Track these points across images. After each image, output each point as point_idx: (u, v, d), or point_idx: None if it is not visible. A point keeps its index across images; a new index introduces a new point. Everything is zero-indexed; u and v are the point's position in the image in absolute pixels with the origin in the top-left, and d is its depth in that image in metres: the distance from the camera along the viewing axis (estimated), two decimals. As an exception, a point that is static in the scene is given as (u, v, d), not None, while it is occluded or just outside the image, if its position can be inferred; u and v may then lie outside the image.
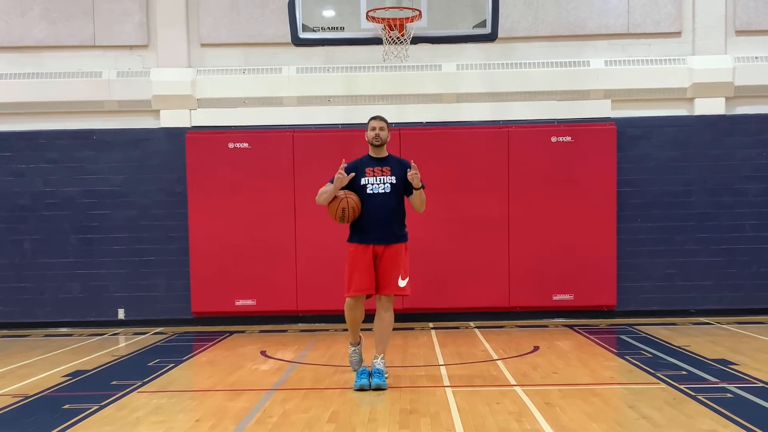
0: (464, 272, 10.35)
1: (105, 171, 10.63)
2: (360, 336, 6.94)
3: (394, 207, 6.69)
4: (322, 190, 6.68)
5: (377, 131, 6.70)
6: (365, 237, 6.64)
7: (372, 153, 6.77)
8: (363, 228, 6.64)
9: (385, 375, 6.68)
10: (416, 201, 6.70)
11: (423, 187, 6.63)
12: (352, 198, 6.59)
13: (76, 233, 10.63)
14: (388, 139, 6.77)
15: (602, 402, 5.87)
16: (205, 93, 10.64)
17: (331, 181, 6.71)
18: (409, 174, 6.55)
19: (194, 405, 6.16)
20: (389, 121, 10.37)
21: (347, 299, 6.71)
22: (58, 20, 10.63)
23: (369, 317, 6.98)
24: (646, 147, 10.53)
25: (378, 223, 6.62)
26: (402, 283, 6.65)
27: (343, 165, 6.63)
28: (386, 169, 6.71)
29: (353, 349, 6.94)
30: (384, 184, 6.66)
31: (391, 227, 6.66)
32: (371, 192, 6.65)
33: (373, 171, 6.70)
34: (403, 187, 6.73)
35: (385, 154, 6.79)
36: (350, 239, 6.74)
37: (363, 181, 6.67)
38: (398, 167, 6.74)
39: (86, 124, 10.66)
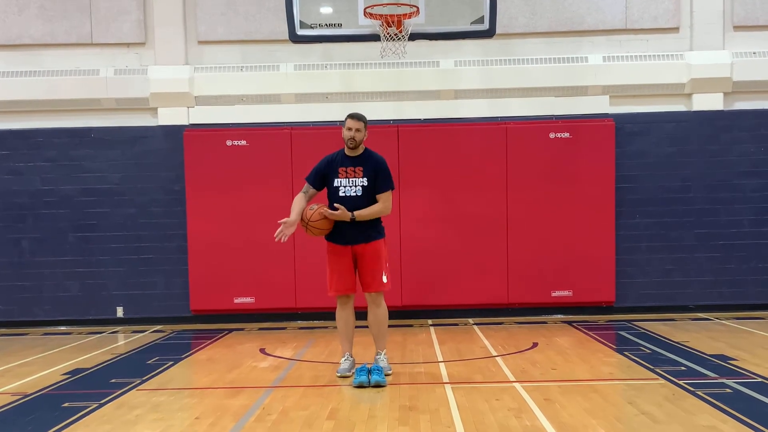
0: (463, 269, 10.34)
1: (103, 169, 10.62)
2: (350, 349, 6.95)
3: (368, 206, 6.64)
4: (293, 204, 6.75)
5: (353, 133, 6.62)
6: (342, 238, 6.66)
7: (347, 151, 6.74)
8: (338, 230, 6.65)
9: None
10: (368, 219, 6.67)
11: (353, 217, 6.54)
12: (312, 225, 6.60)
13: (74, 231, 10.62)
14: (364, 139, 6.71)
15: (601, 398, 5.88)
16: (203, 90, 10.63)
17: (306, 179, 6.80)
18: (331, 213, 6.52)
19: (193, 403, 6.16)
20: (387, 118, 10.49)
21: (337, 298, 6.81)
22: (55, 18, 10.61)
23: (363, 315, 7.00)
24: (644, 143, 10.53)
25: (351, 224, 6.62)
26: (384, 279, 6.70)
27: (285, 220, 6.63)
28: (359, 169, 6.67)
29: (345, 356, 6.94)
30: (355, 186, 6.65)
31: (365, 229, 6.65)
32: (343, 195, 6.65)
33: (346, 171, 6.67)
34: (373, 189, 6.69)
35: (360, 151, 6.73)
36: (329, 238, 6.76)
37: (336, 182, 6.68)
38: (371, 166, 6.69)
39: (84, 122, 10.65)
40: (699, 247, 10.55)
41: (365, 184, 6.64)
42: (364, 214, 6.60)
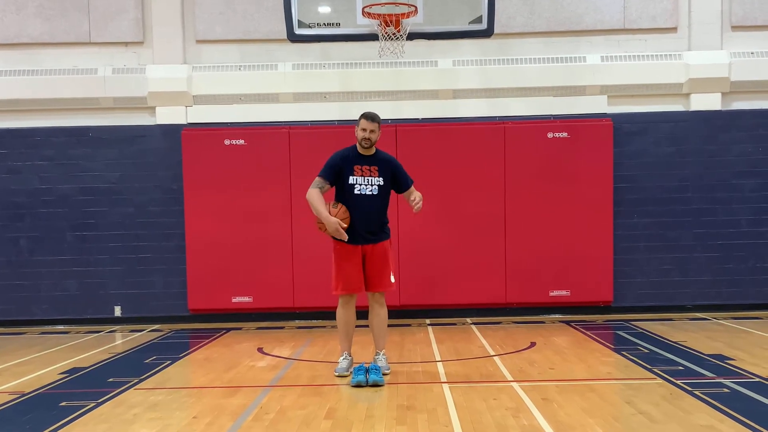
0: (461, 268, 10.34)
1: (101, 168, 10.61)
2: (349, 348, 6.97)
3: (379, 207, 6.71)
4: (313, 199, 6.59)
5: (368, 134, 6.64)
6: (353, 237, 6.64)
7: (360, 150, 6.74)
8: (350, 228, 6.63)
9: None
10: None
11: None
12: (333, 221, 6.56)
13: (72, 231, 10.61)
14: (377, 140, 6.73)
15: (599, 397, 5.88)
16: (201, 90, 10.61)
17: (321, 175, 6.66)
18: (414, 204, 6.64)
19: (191, 402, 6.15)
20: (385, 117, 10.47)
21: (340, 297, 6.78)
22: (54, 17, 10.60)
23: (362, 314, 7.01)
24: (642, 143, 10.53)
25: (365, 223, 6.64)
26: (392, 278, 6.75)
27: (343, 225, 6.52)
28: (374, 168, 6.68)
29: (344, 356, 6.95)
30: (372, 185, 6.66)
31: (377, 227, 6.71)
32: (359, 192, 6.65)
33: (362, 170, 6.67)
34: (390, 187, 6.75)
35: (373, 151, 6.75)
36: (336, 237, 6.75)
37: (351, 180, 6.66)
38: (386, 166, 6.72)
39: (82, 122, 10.64)
40: (697, 247, 10.55)
41: (381, 183, 6.68)
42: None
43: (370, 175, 6.67)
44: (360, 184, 6.65)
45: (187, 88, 10.56)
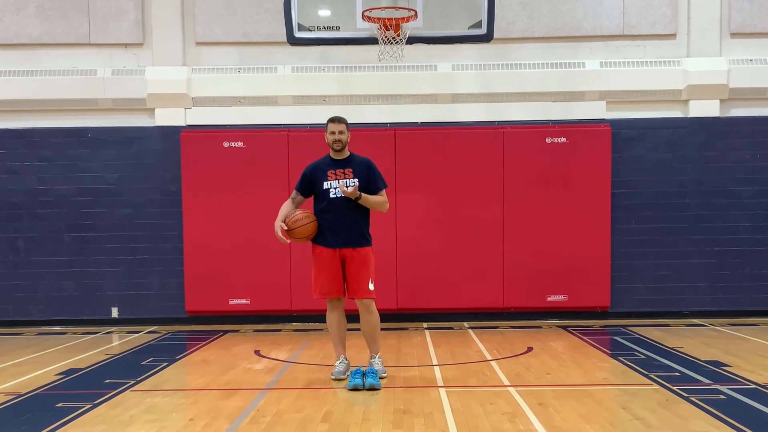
0: (458, 273, 10.35)
1: (99, 169, 10.61)
2: (344, 351, 6.96)
3: (358, 209, 6.68)
4: (281, 208, 6.81)
5: (337, 136, 6.67)
6: (332, 241, 6.65)
7: (333, 155, 6.77)
8: (328, 232, 6.64)
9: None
10: (370, 207, 6.71)
11: (360, 197, 6.59)
12: (293, 233, 6.64)
13: (70, 231, 10.61)
14: (348, 141, 6.75)
15: (595, 403, 5.88)
16: (200, 92, 10.62)
17: (295, 187, 6.85)
18: (343, 189, 6.55)
19: (188, 404, 6.15)
20: (383, 121, 10.51)
21: (327, 302, 6.83)
22: (53, 18, 10.60)
23: (355, 317, 6.99)
24: (640, 148, 10.55)
25: (343, 226, 6.63)
26: (371, 286, 6.71)
27: (282, 226, 6.65)
28: (348, 171, 6.69)
29: (340, 359, 6.95)
30: (347, 187, 6.65)
31: (356, 230, 6.67)
32: (334, 196, 6.65)
33: (335, 174, 6.68)
34: (367, 188, 6.71)
35: (346, 154, 6.78)
36: (316, 241, 6.75)
37: (325, 185, 6.69)
38: (361, 168, 6.72)
39: (81, 122, 10.64)
40: (694, 253, 10.56)
41: (356, 184, 6.65)
42: (370, 200, 6.63)
43: (345, 178, 6.67)
44: (335, 188, 6.66)
45: (187, 90, 10.56)
